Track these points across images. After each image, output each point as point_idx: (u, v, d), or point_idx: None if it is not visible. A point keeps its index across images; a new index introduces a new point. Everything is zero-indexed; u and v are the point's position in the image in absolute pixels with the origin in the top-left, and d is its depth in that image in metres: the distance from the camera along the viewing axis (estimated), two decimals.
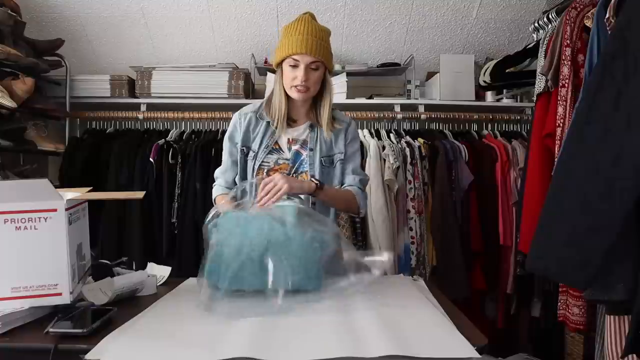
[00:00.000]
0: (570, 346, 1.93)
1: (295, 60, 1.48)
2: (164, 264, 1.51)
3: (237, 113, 1.63)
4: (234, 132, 1.60)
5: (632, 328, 1.13)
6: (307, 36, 1.47)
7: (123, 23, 2.75)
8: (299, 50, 1.46)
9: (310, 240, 1.17)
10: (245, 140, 1.58)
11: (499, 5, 2.75)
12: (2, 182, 1.56)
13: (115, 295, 1.15)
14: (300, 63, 1.47)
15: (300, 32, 1.48)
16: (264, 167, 1.56)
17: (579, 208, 1.19)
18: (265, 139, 1.56)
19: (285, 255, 1.13)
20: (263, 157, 1.56)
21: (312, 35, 1.48)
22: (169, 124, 2.71)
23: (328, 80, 1.56)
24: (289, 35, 1.50)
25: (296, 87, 1.49)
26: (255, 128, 1.58)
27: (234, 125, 1.61)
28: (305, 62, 1.47)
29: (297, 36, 1.47)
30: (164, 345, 0.88)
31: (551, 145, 1.75)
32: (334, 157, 1.60)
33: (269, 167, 1.56)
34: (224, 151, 1.62)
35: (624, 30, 1.20)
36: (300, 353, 0.82)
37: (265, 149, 1.56)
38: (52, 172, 2.75)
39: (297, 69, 1.48)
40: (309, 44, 1.46)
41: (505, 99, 2.86)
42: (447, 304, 1.16)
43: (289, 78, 1.50)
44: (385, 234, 2.31)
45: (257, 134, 1.57)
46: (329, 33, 1.55)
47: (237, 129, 1.60)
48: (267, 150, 1.56)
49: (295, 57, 1.47)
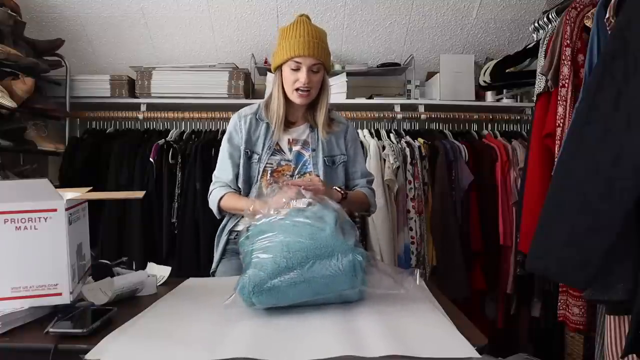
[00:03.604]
0: (570, 346, 1.93)
1: (297, 63, 1.47)
2: (164, 264, 1.51)
3: (235, 115, 1.62)
4: (234, 135, 1.59)
5: (632, 328, 1.13)
6: (308, 38, 1.46)
7: (123, 23, 2.75)
8: (301, 52, 1.46)
9: (352, 247, 1.08)
10: (248, 142, 1.57)
11: (499, 5, 2.75)
12: (2, 182, 1.56)
13: (115, 295, 1.15)
14: (302, 65, 1.47)
15: (300, 35, 1.47)
16: (267, 168, 1.56)
17: (579, 208, 1.18)
18: (267, 140, 1.56)
19: (328, 265, 1.03)
20: (267, 158, 1.55)
21: (312, 37, 1.47)
22: (169, 124, 2.71)
23: (327, 82, 1.57)
24: (288, 38, 1.48)
25: (298, 91, 1.49)
26: (256, 130, 1.58)
27: (233, 127, 1.59)
28: (308, 64, 1.47)
29: (297, 38, 1.46)
30: (163, 345, 0.88)
31: (551, 145, 1.75)
32: (336, 158, 1.61)
33: (272, 168, 1.56)
34: (222, 153, 1.60)
35: (624, 30, 1.20)
36: (300, 353, 0.82)
37: (268, 151, 1.56)
38: (52, 172, 2.74)
39: (298, 71, 1.48)
40: (311, 45, 1.46)
41: (505, 99, 2.86)
42: (447, 304, 1.15)
43: (290, 81, 1.49)
44: (385, 234, 2.31)
45: (258, 136, 1.57)
46: (326, 34, 1.56)
47: (237, 132, 1.59)
48: (270, 151, 1.56)
49: (297, 60, 1.47)
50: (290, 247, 1.04)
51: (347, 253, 1.05)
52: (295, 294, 1.02)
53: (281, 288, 1.01)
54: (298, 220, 1.10)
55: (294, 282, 1.01)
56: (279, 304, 1.03)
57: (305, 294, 1.03)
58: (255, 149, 1.57)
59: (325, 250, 1.04)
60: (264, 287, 1.00)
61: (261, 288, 1.00)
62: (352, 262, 1.04)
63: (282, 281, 1.01)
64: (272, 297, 1.01)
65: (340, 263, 1.03)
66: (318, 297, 1.04)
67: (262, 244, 1.07)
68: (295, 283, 1.01)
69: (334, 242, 1.06)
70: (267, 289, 1.00)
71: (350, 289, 1.05)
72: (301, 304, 1.04)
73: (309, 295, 1.03)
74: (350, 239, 1.11)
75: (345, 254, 1.05)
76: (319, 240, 1.05)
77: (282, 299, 1.02)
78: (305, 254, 1.03)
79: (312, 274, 1.02)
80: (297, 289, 1.01)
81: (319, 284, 1.02)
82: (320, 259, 1.03)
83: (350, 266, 1.04)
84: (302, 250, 1.03)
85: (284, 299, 1.02)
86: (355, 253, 1.06)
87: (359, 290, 1.07)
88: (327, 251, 1.04)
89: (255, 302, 1.02)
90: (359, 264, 1.05)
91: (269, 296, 1.01)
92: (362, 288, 1.07)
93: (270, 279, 1.01)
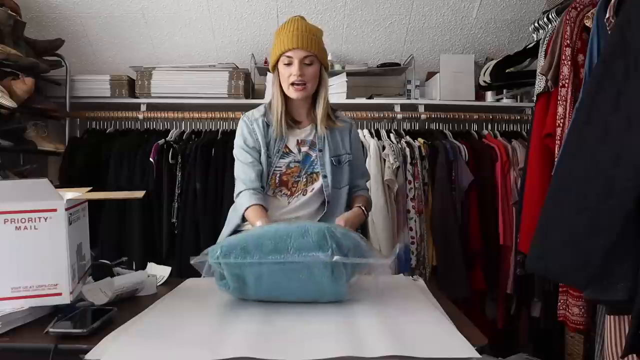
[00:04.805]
0: (570, 346, 1.93)
1: (289, 57, 1.48)
2: (164, 264, 1.52)
3: (244, 119, 1.60)
4: (248, 138, 1.56)
5: (632, 328, 1.13)
6: (297, 32, 1.48)
7: (123, 23, 2.75)
8: (291, 45, 1.47)
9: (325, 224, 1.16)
10: (263, 145, 1.55)
11: (499, 5, 2.75)
12: (2, 182, 1.56)
13: (115, 295, 1.15)
14: (293, 59, 1.48)
15: (290, 31, 1.49)
16: (276, 172, 1.56)
17: (579, 208, 1.18)
18: (276, 143, 1.57)
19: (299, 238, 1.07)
20: (276, 161, 1.56)
21: (302, 31, 1.49)
22: (169, 124, 2.71)
23: (324, 77, 1.57)
24: (280, 36, 1.51)
25: (293, 85, 1.49)
26: (267, 134, 1.57)
27: (248, 132, 1.57)
28: (299, 57, 1.48)
29: (287, 34, 1.49)
30: (164, 345, 0.88)
31: (551, 145, 1.75)
32: (342, 157, 1.63)
33: (281, 171, 1.57)
34: (240, 159, 1.56)
35: (624, 30, 1.20)
36: (300, 353, 0.82)
37: (277, 154, 1.56)
38: (52, 172, 2.74)
39: (291, 65, 1.49)
40: (300, 38, 1.47)
41: (505, 99, 2.86)
42: (447, 304, 1.15)
43: (285, 76, 1.50)
44: (385, 234, 2.31)
45: (269, 140, 1.57)
46: (322, 32, 1.56)
47: (252, 134, 1.56)
48: (279, 154, 1.56)
49: (288, 54, 1.48)
50: (265, 228, 1.15)
51: (318, 225, 1.12)
52: (263, 255, 1.05)
53: (248, 247, 1.06)
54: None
55: (261, 243, 1.06)
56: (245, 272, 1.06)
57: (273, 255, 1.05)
58: (269, 152, 1.57)
59: (298, 229, 1.09)
60: (232, 251, 1.06)
61: (229, 250, 1.06)
62: (322, 230, 1.08)
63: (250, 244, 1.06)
64: (239, 266, 1.05)
65: (310, 234, 1.07)
66: (289, 267, 1.05)
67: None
68: (262, 244, 1.06)
69: (308, 224, 1.12)
70: (237, 251, 1.05)
71: (322, 254, 1.04)
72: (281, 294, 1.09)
73: (279, 263, 1.04)
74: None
75: (316, 226, 1.10)
76: (294, 224, 1.13)
77: (249, 270, 1.06)
78: (276, 232, 1.09)
79: (282, 244, 1.05)
80: (264, 250, 1.05)
81: (286, 248, 1.05)
82: (292, 235, 1.07)
83: (320, 234, 1.06)
84: (275, 231, 1.10)
85: (251, 269, 1.06)
86: (326, 226, 1.11)
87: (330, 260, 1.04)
88: (299, 230, 1.08)
89: (224, 266, 1.07)
90: (328, 231, 1.07)
91: (236, 264, 1.05)
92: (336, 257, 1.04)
93: (240, 244, 1.07)
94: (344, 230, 1.14)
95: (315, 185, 1.58)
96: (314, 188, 1.58)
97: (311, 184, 1.58)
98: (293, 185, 1.58)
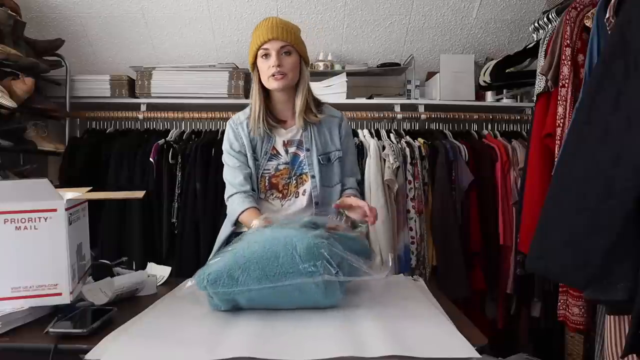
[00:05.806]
0: (570, 346, 1.93)
1: (266, 50, 1.47)
2: (164, 264, 1.52)
3: (230, 123, 1.59)
4: (234, 142, 1.56)
5: (632, 328, 1.13)
6: (273, 25, 1.48)
7: (123, 23, 2.75)
8: (266, 37, 1.46)
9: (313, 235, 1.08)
10: (249, 148, 1.54)
11: (499, 5, 2.75)
12: (2, 182, 1.56)
13: (115, 295, 1.15)
14: (270, 50, 1.47)
15: (265, 26, 1.49)
16: (265, 175, 1.55)
17: (578, 208, 1.18)
18: (263, 145, 1.55)
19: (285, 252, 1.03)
20: (264, 164, 1.54)
21: (276, 24, 1.48)
22: (169, 124, 2.71)
23: (304, 70, 1.54)
24: (255, 32, 1.50)
25: (273, 76, 1.47)
26: (254, 136, 1.55)
27: (234, 136, 1.56)
28: (275, 47, 1.46)
29: (263, 29, 1.48)
30: (164, 345, 0.88)
31: (551, 145, 1.75)
32: (331, 155, 1.59)
33: (269, 174, 1.55)
34: (228, 164, 1.56)
35: (624, 30, 1.20)
36: (300, 353, 0.82)
37: (265, 156, 1.55)
38: (52, 172, 2.74)
39: (269, 57, 1.47)
40: (275, 29, 1.46)
41: (505, 99, 2.86)
42: (447, 304, 1.16)
43: (264, 69, 1.48)
44: (385, 234, 2.31)
45: (256, 142, 1.55)
46: (299, 28, 1.55)
47: (237, 139, 1.56)
48: (267, 156, 1.55)
49: (265, 47, 1.47)
50: (249, 241, 1.08)
51: (305, 239, 1.03)
52: (252, 281, 1.00)
53: (235, 274, 1.01)
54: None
55: (248, 267, 1.01)
56: (236, 297, 1.03)
57: (262, 281, 1.00)
58: (255, 154, 1.55)
59: (285, 248, 1.02)
60: (219, 279, 1.01)
61: (216, 278, 1.02)
62: (310, 246, 1.01)
63: (237, 271, 1.01)
64: (228, 286, 1.01)
65: (296, 249, 1.01)
66: (277, 284, 1.00)
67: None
68: (249, 268, 1.01)
69: (294, 233, 1.06)
70: (223, 279, 1.01)
71: (311, 278, 1.00)
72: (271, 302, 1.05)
73: (266, 283, 1.00)
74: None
75: (303, 240, 1.03)
76: (281, 233, 1.07)
77: (240, 295, 1.03)
78: (263, 245, 1.04)
79: (270, 268, 1.01)
80: (252, 275, 1.01)
81: (274, 273, 1.00)
82: (278, 248, 1.02)
83: (310, 252, 1.01)
84: (260, 243, 1.05)
85: (242, 295, 1.02)
86: (314, 237, 1.04)
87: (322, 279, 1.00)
88: (286, 241, 1.03)
89: (213, 295, 1.04)
90: (315, 246, 1.02)
91: (225, 293, 1.02)
92: (327, 277, 1.00)
93: (226, 271, 1.02)
94: (332, 240, 1.07)
95: (306, 186, 1.55)
96: (305, 189, 1.55)
97: (301, 185, 1.55)
98: (284, 187, 1.56)
